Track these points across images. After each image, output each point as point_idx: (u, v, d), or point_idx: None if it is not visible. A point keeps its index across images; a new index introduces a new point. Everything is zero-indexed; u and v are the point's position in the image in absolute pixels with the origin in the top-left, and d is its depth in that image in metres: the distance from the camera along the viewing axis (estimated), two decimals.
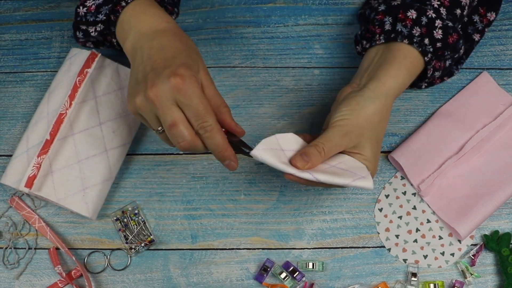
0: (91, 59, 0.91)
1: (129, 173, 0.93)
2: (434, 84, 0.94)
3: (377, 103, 0.79)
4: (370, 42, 0.86)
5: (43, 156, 0.87)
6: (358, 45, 0.90)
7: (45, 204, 0.92)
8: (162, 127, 0.76)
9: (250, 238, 0.91)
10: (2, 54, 0.98)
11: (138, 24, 0.79)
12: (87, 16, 0.84)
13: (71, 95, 0.89)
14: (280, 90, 0.96)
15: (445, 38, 0.83)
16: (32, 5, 1.00)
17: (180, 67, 0.73)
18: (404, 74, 0.81)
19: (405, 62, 0.82)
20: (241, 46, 0.98)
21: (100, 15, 0.83)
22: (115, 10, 0.81)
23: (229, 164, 0.77)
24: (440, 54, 0.84)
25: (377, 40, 0.85)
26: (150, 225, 0.91)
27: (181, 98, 0.73)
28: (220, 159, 0.77)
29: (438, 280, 0.89)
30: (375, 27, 0.86)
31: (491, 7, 0.94)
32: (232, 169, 0.77)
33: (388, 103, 0.80)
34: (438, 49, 0.83)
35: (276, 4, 1.00)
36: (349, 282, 0.90)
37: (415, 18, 0.83)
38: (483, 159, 0.92)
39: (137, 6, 0.81)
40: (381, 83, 0.80)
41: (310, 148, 0.78)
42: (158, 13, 0.81)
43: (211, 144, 0.75)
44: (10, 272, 0.90)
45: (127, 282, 0.90)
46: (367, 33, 0.88)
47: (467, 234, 0.89)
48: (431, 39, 0.83)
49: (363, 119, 0.78)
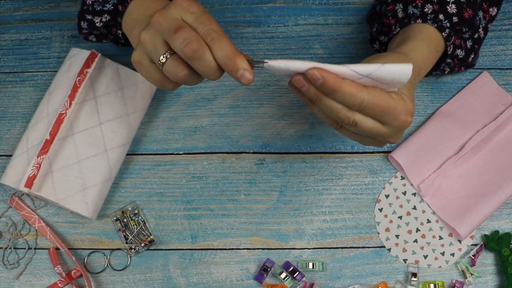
0: (91, 59, 0.91)
1: (129, 173, 0.93)
2: (455, 71, 0.92)
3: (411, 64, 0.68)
4: (388, 35, 0.85)
5: (43, 156, 0.87)
6: (375, 43, 0.89)
7: (45, 204, 0.92)
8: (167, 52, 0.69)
9: (250, 238, 0.91)
10: (2, 54, 0.98)
11: (146, 12, 0.78)
12: (94, 5, 0.83)
13: (71, 95, 0.89)
14: (280, 90, 0.96)
15: (460, 13, 0.82)
16: (32, 5, 1.00)
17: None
18: (422, 46, 0.77)
19: (421, 36, 0.79)
20: (241, 46, 0.98)
21: (108, 4, 0.82)
22: (124, 0, 0.81)
23: (243, 75, 0.66)
24: (458, 29, 0.82)
25: (393, 31, 0.83)
26: (150, 225, 0.91)
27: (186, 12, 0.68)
28: (233, 70, 0.66)
29: (438, 280, 0.89)
30: (389, 19, 0.84)
31: (493, 2, 0.94)
32: (246, 81, 0.66)
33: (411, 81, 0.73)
34: (455, 24, 0.81)
35: (276, 4, 1.00)
36: (349, 282, 0.90)
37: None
38: (483, 159, 0.92)
39: None
40: (403, 54, 0.75)
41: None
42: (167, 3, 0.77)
43: (219, 51, 0.66)
44: (10, 272, 0.90)
45: (127, 282, 0.90)
46: (383, 28, 0.86)
47: (467, 234, 0.89)
48: (445, 14, 0.81)
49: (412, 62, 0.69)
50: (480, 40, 0.88)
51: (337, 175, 0.93)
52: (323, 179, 0.93)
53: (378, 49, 0.88)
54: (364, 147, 0.94)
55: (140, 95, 0.92)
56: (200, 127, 0.95)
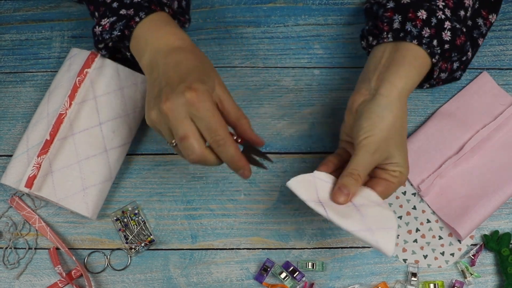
0: (90, 59, 0.91)
1: (129, 173, 0.93)
2: (437, 86, 0.94)
3: (395, 110, 0.78)
4: (377, 39, 0.85)
5: (43, 156, 0.87)
6: (363, 40, 0.89)
7: (45, 204, 0.92)
8: (174, 142, 0.76)
9: (250, 238, 0.91)
10: (2, 54, 0.98)
11: (154, 41, 0.80)
12: (103, 34, 0.85)
13: (71, 95, 0.89)
14: (280, 90, 0.96)
15: (454, 40, 0.83)
16: (32, 5, 1.00)
17: (194, 82, 0.74)
18: (414, 74, 0.81)
19: (414, 63, 0.81)
20: (241, 46, 0.98)
21: (115, 31, 0.84)
22: (129, 26, 0.83)
23: (243, 173, 0.77)
24: (447, 56, 0.84)
25: (384, 38, 0.84)
26: (150, 225, 0.91)
27: (194, 111, 0.73)
28: (234, 169, 0.77)
29: (438, 280, 0.89)
30: (383, 24, 0.85)
31: (492, 9, 0.94)
32: (245, 177, 0.78)
33: (403, 104, 0.80)
34: (445, 51, 0.83)
35: (276, 4, 1.00)
36: (349, 282, 0.90)
37: (425, 18, 0.82)
38: (483, 159, 0.92)
39: (152, 23, 0.82)
40: (393, 86, 0.79)
41: (347, 179, 0.78)
42: (174, 30, 0.82)
43: (225, 157, 0.75)
44: (10, 272, 0.90)
45: (127, 282, 0.90)
46: (374, 29, 0.87)
47: (467, 234, 0.89)
48: (439, 41, 0.82)
49: (386, 131, 0.78)
50: (467, 61, 0.90)
51: None
52: None
53: (365, 47, 0.88)
54: None
55: (140, 95, 0.92)
56: None
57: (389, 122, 0.78)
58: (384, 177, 0.80)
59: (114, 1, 0.84)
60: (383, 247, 0.75)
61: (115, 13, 0.84)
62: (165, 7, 0.85)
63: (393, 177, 0.80)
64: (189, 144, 0.74)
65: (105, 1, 0.85)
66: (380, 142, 0.78)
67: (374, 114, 0.78)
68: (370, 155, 0.78)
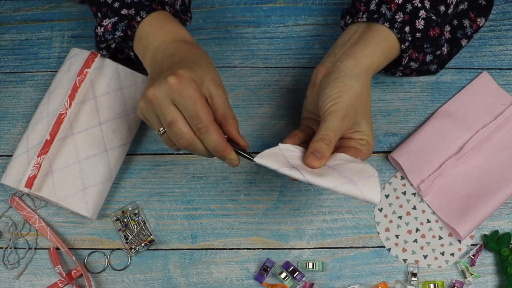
0: (90, 59, 0.91)
1: (129, 173, 0.93)
2: (409, 76, 0.94)
3: (361, 81, 0.80)
4: (352, 18, 0.86)
5: (43, 156, 0.87)
6: (343, 20, 0.90)
7: (45, 204, 0.92)
8: (163, 128, 0.76)
9: (250, 238, 0.91)
10: (2, 54, 0.98)
11: (155, 40, 0.81)
12: (105, 35, 0.85)
13: (70, 95, 0.89)
14: (280, 90, 0.96)
15: (426, 30, 0.83)
16: (32, 5, 1.00)
17: (180, 68, 0.74)
18: (379, 55, 0.82)
19: (382, 45, 0.82)
20: (241, 46, 0.98)
21: (118, 32, 0.84)
22: (131, 26, 0.83)
23: (230, 162, 0.77)
24: (418, 45, 0.84)
25: (359, 17, 0.84)
26: (150, 225, 0.91)
27: (176, 97, 0.73)
28: (220, 158, 0.77)
29: (438, 280, 0.89)
30: (360, 5, 0.86)
31: (481, 13, 0.94)
32: (233, 166, 0.77)
33: (368, 80, 0.81)
34: (417, 39, 0.83)
35: (276, 4, 1.00)
36: (349, 282, 0.90)
37: (400, 3, 0.83)
38: (483, 159, 0.92)
39: (154, 21, 0.82)
40: (358, 62, 0.80)
41: (319, 144, 0.78)
42: (175, 28, 0.82)
43: (208, 144, 0.75)
44: (10, 272, 0.90)
45: (127, 282, 0.90)
46: (352, 9, 0.88)
47: (467, 234, 0.89)
48: (412, 28, 0.83)
49: (354, 98, 0.79)
50: (442, 56, 0.89)
51: None
52: None
53: (342, 26, 0.89)
54: None
55: (140, 95, 0.92)
56: None
57: (357, 91, 0.79)
58: (352, 145, 0.81)
59: (115, 1, 0.84)
60: (369, 196, 0.73)
61: (117, 13, 0.84)
62: (166, 5, 0.85)
63: (361, 145, 0.81)
64: (177, 129, 0.74)
65: (106, 2, 0.85)
66: (349, 108, 0.78)
67: (342, 83, 0.79)
68: (339, 121, 0.78)
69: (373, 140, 0.82)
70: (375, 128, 0.94)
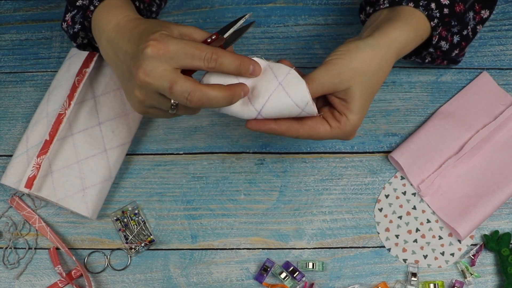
0: (89, 59, 0.91)
1: (129, 173, 0.93)
2: (437, 62, 0.91)
3: (377, 50, 0.74)
4: (373, 7, 0.83)
5: (42, 157, 0.87)
6: (362, 13, 0.87)
7: (45, 204, 0.92)
8: (174, 102, 0.72)
9: (250, 238, 0.91)
10: (2, 54, 0.98)
11: (105, 28, 0.77)
12: (69, 29, 0.84)
13: (70, 95, 0.89)
14: None
15: (452, 6, 0.81)
16: (32, 5, 1.00)
17: (150, 35, 0.70)
18: (409, 30, 0.77)
19: (411, 21, 0.78)
20: (241, 46, 0.98)
21: (76, 25, 0.82)
22: (86, 16, 0.80)
23: (254, 69, 0.72)
24: (447, 21, 0.81)
25: (381, 4, 0.81)
26: (150, 225, 0.91)
27: (167, 55, 0.69)
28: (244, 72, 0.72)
29: (438, 280, 0.89)
30: None
31: (486, 5, 0.93)
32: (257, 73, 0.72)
33: (389, 56, 0.75)
34: (445, 16, 0.80)
35: (276, 4, 1.00)
36: (349, 282, 0.90)
37: None
38: (483, 159, 0.92)
39: (103, 8, 0.79)
40: (384, 34, 0.75)
41: None
42: (121, 11, 0.78)
43: (229, 66, 0.71)
44: (10, 272, 0.90)
45: (127, 282, 0.90)
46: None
47: (467, 234, 0.89)
48: (437, 4, 0.80)
49: (358, 61, 0.73)
50: (468, 37, 0.87)
51: (337, 175, 0.93)
52: (323, 179, 0.93)
53: (363, 20, 0.86)
54: (364, 147, 0.94)
55: None
56: (200, 127, 0.95)
57: (365, 56, 0.73)
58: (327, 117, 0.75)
59: None
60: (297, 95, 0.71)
61: (74, 6, 0.82)
62: None
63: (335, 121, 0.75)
64: (179, 86, 0.69)
65: None
66: (346, 68, 0.73)
67: (354, 45, 0.74)
68: (329, 74, 0.72)
69: (359, 119, 0.75)
70: (375, 128, 0.94)
